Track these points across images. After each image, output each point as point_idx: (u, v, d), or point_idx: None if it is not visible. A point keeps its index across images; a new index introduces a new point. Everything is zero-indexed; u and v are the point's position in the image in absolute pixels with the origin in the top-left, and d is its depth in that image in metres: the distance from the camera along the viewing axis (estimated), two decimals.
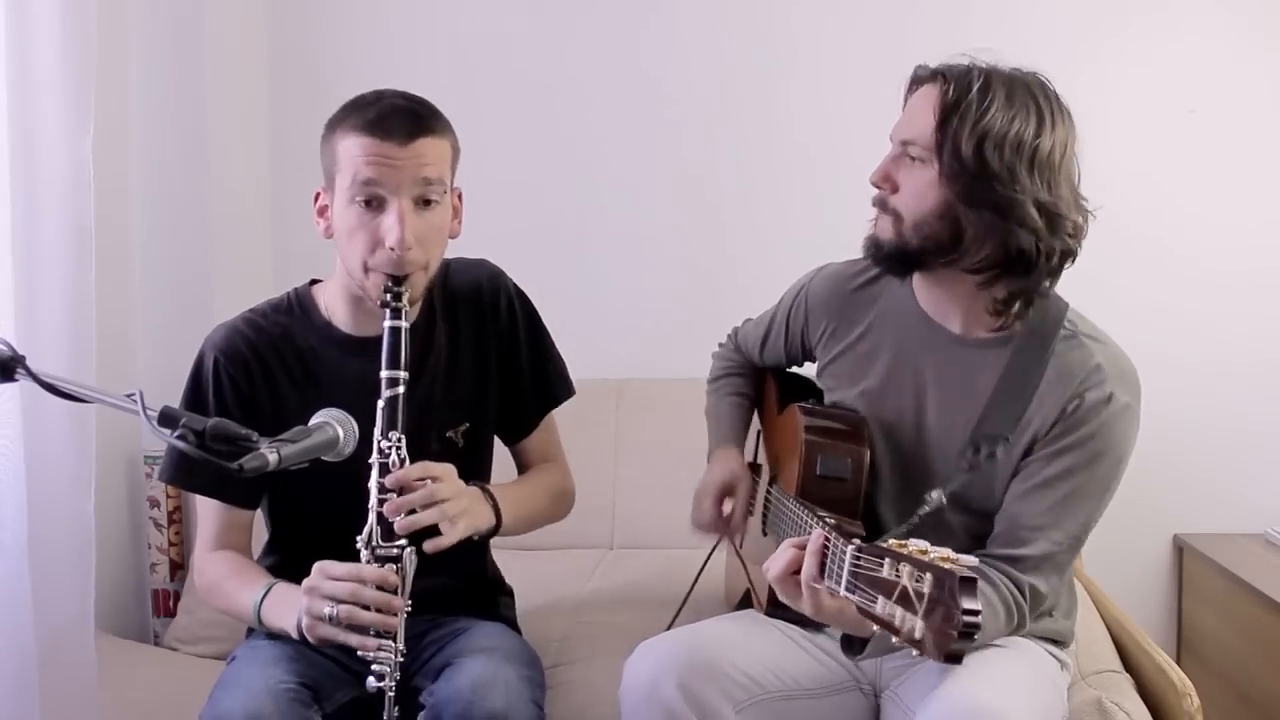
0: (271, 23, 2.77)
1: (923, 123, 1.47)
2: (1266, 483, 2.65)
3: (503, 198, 2.71)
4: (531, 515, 1.75)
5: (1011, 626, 1.48)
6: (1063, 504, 1.48)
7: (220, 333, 1.66)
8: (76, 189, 1.77)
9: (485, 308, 1.71)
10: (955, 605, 1.01)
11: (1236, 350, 2.64)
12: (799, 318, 1.76)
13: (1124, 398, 1.48)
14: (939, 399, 1.58)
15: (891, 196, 1.51)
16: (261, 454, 1.24)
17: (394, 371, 1.51)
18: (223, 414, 1.52)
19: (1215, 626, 2.54)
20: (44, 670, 1.71)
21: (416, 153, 1.50)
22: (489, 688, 1.49)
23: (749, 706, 1.49)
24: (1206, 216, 2.65)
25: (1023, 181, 1.43)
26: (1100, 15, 2.63)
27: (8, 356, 1.26)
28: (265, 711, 1.46)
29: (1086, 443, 1.47)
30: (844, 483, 1.56)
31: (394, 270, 1.52)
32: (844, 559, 1.20)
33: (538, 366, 1.77)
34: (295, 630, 1.50)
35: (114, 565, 2.36)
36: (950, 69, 1.49)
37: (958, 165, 1.44)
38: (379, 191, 1.50)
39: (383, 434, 1.49)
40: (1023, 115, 1.45)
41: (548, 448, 1.85)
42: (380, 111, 1.52)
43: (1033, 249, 1.45)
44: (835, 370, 1.70)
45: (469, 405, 1.72)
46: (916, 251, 1.51)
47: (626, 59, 2.74)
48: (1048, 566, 1.49)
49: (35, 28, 1.72)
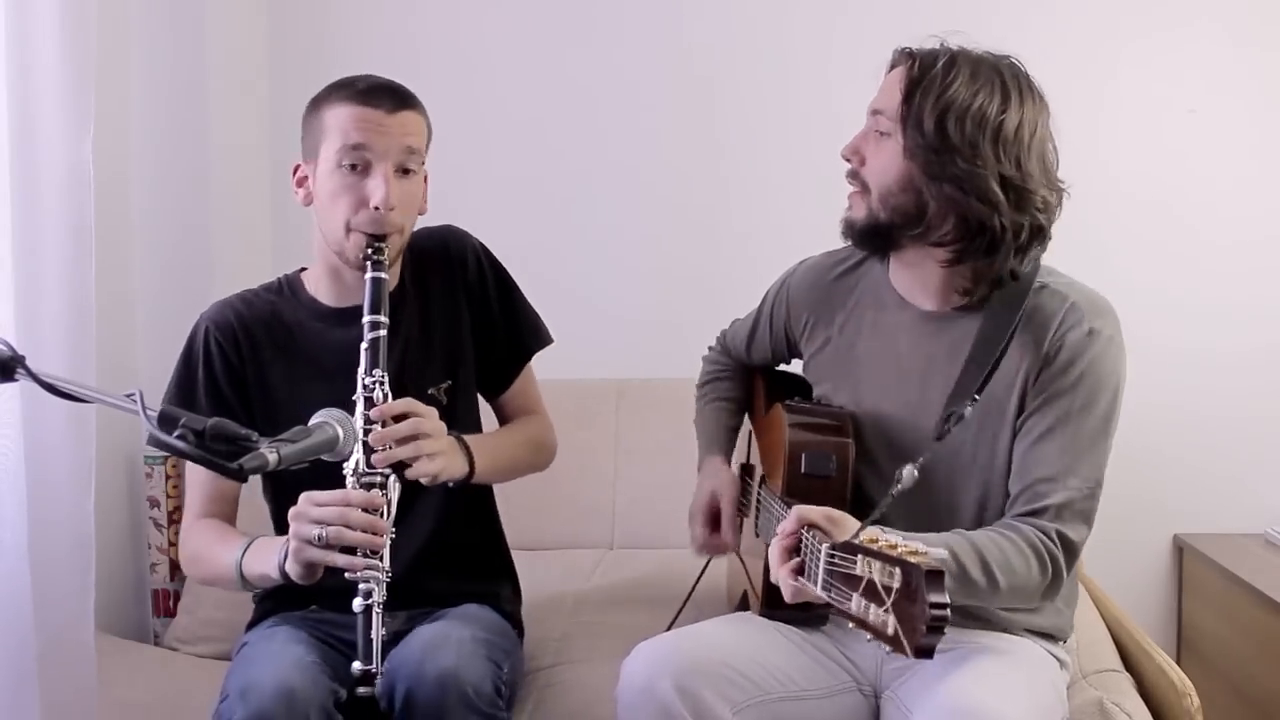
0: (271, 22, 2.78)
1: (890, 97, 1.52)
2: (1266, 482, 2.65)
3: (503, 197, 2.72)
4: (509, 463, 1.78)
5: (1046, 575, 1.45)
6: (1071, 448, 1.47)
7: (214, 307, 1.74)
8: (76, 189, 1.77)
9: (454, 266, 1.77)
10: (924, 599, 1.01)
11: (1237, 350, 2.64)
12: (781, 311, 1.77)
13: (1105, 330, 1.49)
14: (919, 377, 1.58)
15: (861, 169, 1.55)
16: (261, 454, 1.25)
17: (376, 317, 1.57)
18: (208, 378, 1.68)
19: (1215, 626, 2.54)
20: (44, 670, 1.71)
21: (402, 121, 1.61)
22: (439, 648, 1.50)
23: (747, 708, 1.49)
24: (1207, 216, 2.65)
25: (985, 156, 1.45)
26: (1100, 16, 2.63)
27: (8, 356, 1.26)
28: (294, 681, 1.47)
29: (1079, 383, 1.48)
30: (829, 480, 1.55)
31: (375, 230, 1.60)
32: (819, 557, 1.20)
33: (510, 318, 1.81)
34: (277, 569, 1.51)
35: (114, 565, 2.36)
36: (920, 49, 1.53)
37: (920, 138, 1.47)
38: (366, 155, 1.60)
39: (366, 372, 1.56)
40: (986, 91, 1.47)
41: (528, 400, 1.87)
42: (369, 84, 1.63)
43: (996, 224, 1.46)
44: (819, 361, 1.71)
45: (447, 362, 1.75)
46: (886, 226, 1.53)
47: (627, 59, 2.74)
48: (1070, 514, 1.47)
49: (35, 28, 1.72)
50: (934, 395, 1.56)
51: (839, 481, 1.56)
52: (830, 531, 1.29)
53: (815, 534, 1.26)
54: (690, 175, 2.75)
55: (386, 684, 1.50)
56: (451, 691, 1.46)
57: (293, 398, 1.66)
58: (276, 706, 1.43)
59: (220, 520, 1.72)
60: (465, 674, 1.48)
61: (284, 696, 1.44)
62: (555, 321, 1.84)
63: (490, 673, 1.52)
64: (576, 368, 1.87)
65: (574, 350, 1.87)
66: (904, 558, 1.05)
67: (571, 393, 1.93)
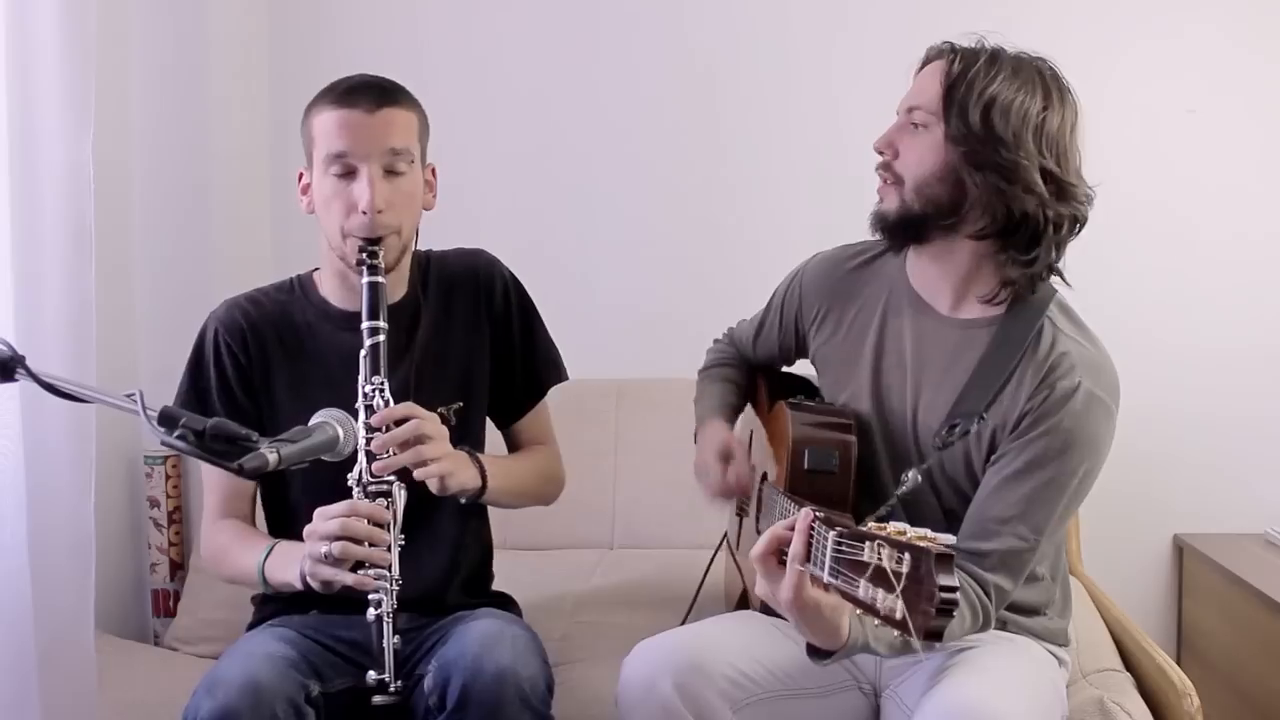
0: (272, 22, 2.77)
1: (930, 91, 1.52)
2: (1266, 482, 2.64)
3: (504, 197, 2.72)
4: (520, 488, 1.78)
5: (978, 627, 1.47)
6: (1031, 496, 1.47)
7: (223, 307, 1.74)
8: (76, 189, 1.77)
9: (480, 291, 1.77)
10: (933, 583, 1.01)
11: (1237, 350, 2.64)
12: (793, 303, 1.77)
13: (1095, 390, 1.47)
14: (925, 377, 1.58)
15: (895, 161, 1.55)
16: (261, 454, 1.25)
17: (374, 322, 1.57)
18: (220, 380, 1.68)
19: (1215, 626, 2.54)
20: (44, 670, 1.71)
21: (384, 120, 1.60)
22: (496, 644, 1.51)
23: (747, 706, 1.49)
24: (1206, 216, 2.65)
25: (1029, 148, 1.46)
26: (1100, 16, 2.63)
27: (8, 356, 1.26)
28: (261, 675, 1.47)
29: (1055, 433, 1.46)
30: (832, 476, 1.55)
31: (367, 233, 1.60)
32: (827, 544, 1.20)
33: (530, 351, 1.82)
34: (299, 580, 1.52)
35: (114, 565, 2.36)
36: (959, 45, 1.53)
37: (964, 128, 1.47)
38: (350, 160, 1.59)
39: (366, 379, 1.56)
40: (1029, 89, 1.49)
41: (540, 432, 1.87)
42: (350, 85, 1.63)
43: (1038, 214, 1.47)
44: (827, 354, 1.71)
45: (461, 383, 1.75)
46: (919, 217, 1.53)
47: (629, 60, 2.74)
48: (1013, 562, 1.48)
49: (35, 28, 1.72)
50: (935, 398, 1.56)
51: (842, 477, 1.55)
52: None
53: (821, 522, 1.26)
54: (691, 175, 2.75)
55: (440, 678, 1.52)
56: (509, 687, 1.47)
57: (298, 399, 1.66)
58: (242, 700, 1.42)
59: (239, 520, 1.73)
60: (522, 670, 1.49)
61: (250, 690, 1.44)
62: (556, 321, 1.84)
63: (543, 671, 1.55)
64: (577, 368, 1.87)
65: (574, 350, 1.87)
66: (913, 542, 1.05)
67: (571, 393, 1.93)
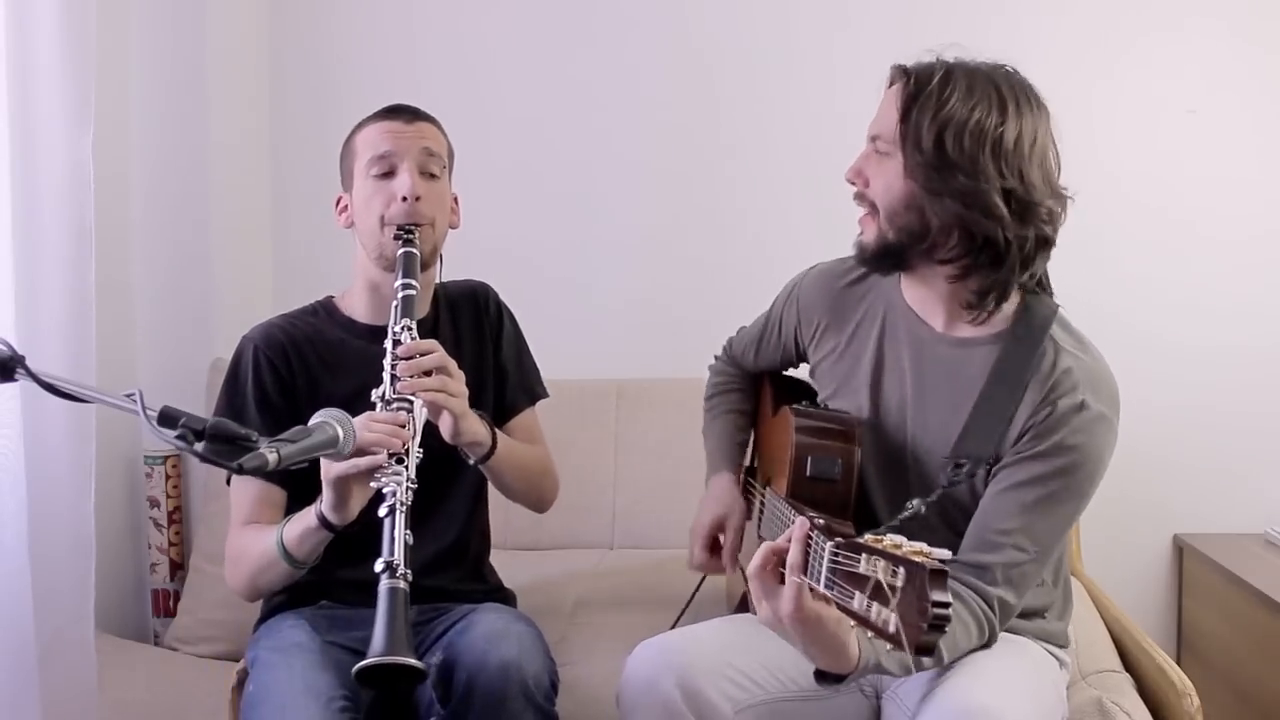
0: (272, 22, 2.77)
1: (888, 117, 1.51)
2: (1266, 482, 2.64)
3: (503, 199, 2.71)
4: (522, 465, 1.82)
5: (983, 640, 1.47)
6: (1034, 510, 1.47)
7: (258, 330, 1.80)
8: (76, 189, 1.78)
9: (480, 309, 1.91)
10: (926, 598, 1.01)
11: (1236, 349, 2.64)
12: (791, 317, 1.76)
13: (1097, 406, 1.47)
14: (924, 395, 1.58)
15: (866, 190, 1.55)
16: (261, 454, 1.25)
17: (408, 280, 1.67)
18: (260, 396, 1.73)
19: (1215, 626, 2.54)
20: (44, 670, 1.71)
21: (419, 129, 1.77)
22: (502, 638, 1.55)
23: (748, 707, 1.49)
24: (1206, 216, 2.65)
25: (986, 170, 1.44)
26: (1100, 16, 2.63)
27: (8, 356, 1.26)
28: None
29: (1059, 451, 1.46)
30: (834, 483, 1.55)
31: (406, 219, 1.71)
32: (824, 555, 1.20)
33: (520, 364, 1.92)
34: (316, 517, 1.54)
35: (114, 565, 2.36)
36: (915, 65, 1.51)
37: (919, 156, 1.46)
38: (392, 160, 1.73)
39: (395, 321, 1.64)
40: (984, 104, 1.46)
41: (531, 434, 1.92)
42: (390, 105, 1.80)
43: (1000, 238, 1.46)
44: (826, 368, 1.70)
45: (472, 391, 1.75)
46: (896, 246, 1.52)
47: (627, 60, 2.74)
48: (1016, 576, 1.48)
49: (35, 27, 1.72)
50: (935, 418, 1.56)
51: (844, 485, 1.55)
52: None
53: (820, 532, 1.26)
54: (691, 174, 2.75)
55: (444, 670, 1.55)
56: (513, 681, 1.50)
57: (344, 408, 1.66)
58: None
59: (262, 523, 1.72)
60: (527, 665, 1.53)
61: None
62: (555, 320, 1.84)
63: (547, 667, 1.58)
64: (576, 368, 1.87)
65: (574, 350, 1.88)
66: (909, 556, 1.05)
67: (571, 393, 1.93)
